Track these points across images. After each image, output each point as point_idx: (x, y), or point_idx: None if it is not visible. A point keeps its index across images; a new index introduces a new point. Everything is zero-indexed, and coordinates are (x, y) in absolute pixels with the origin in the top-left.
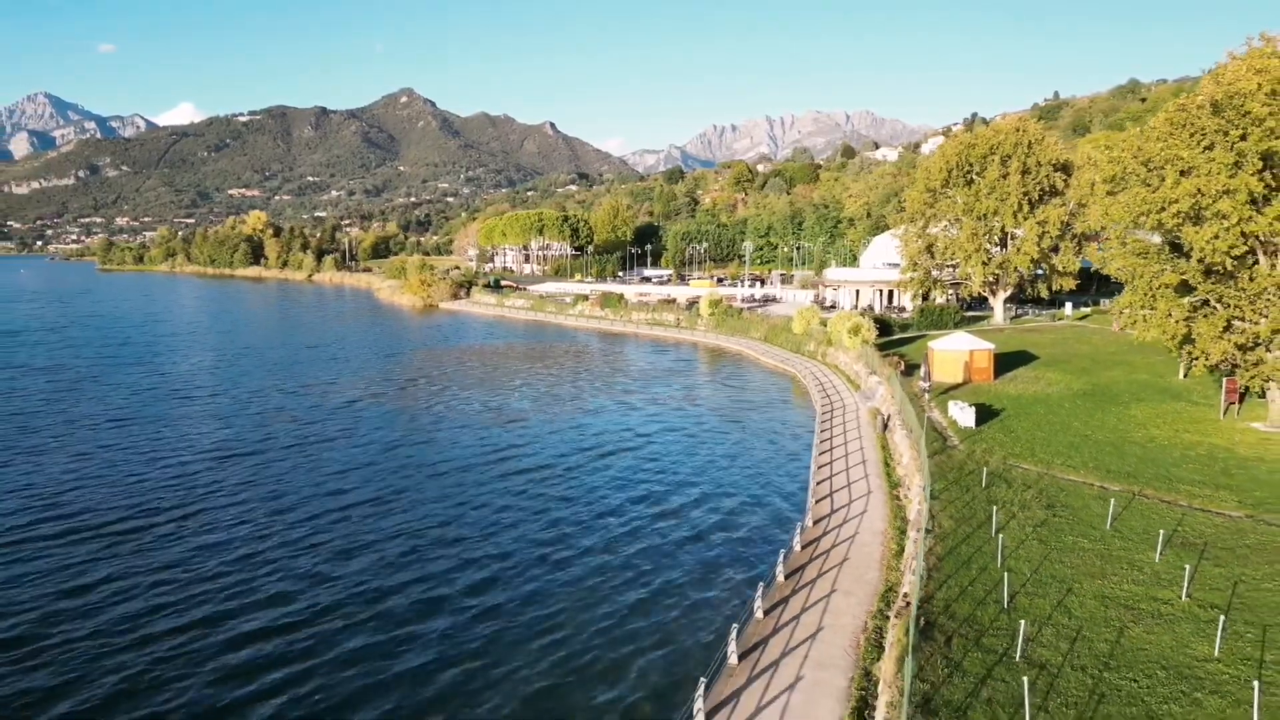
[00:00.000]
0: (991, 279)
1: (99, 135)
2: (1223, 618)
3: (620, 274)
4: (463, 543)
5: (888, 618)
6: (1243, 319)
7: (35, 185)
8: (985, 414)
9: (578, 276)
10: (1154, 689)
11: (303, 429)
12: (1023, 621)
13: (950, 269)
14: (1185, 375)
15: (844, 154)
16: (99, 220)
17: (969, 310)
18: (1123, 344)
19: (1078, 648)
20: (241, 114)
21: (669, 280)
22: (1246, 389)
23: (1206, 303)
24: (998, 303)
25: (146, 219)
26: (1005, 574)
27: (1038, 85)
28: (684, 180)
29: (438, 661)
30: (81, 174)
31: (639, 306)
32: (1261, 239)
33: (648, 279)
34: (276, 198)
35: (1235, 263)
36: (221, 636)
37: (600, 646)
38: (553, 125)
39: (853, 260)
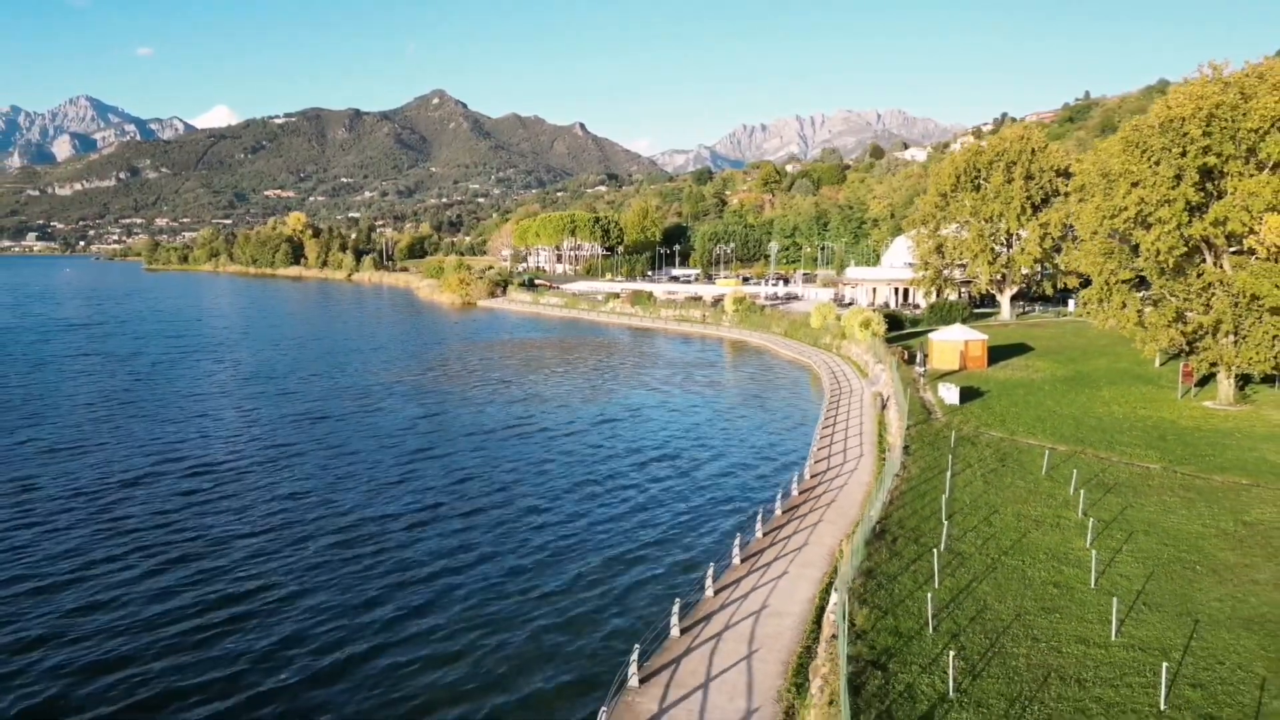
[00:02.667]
0: (998, 277)
1: (139, 138)
2: (1093, 522)
3: (649, 273)
4: (549, 478)
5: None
6: (1191, 311)
7: (77, 187)
8: (971, 394)
9: (608, 276)
10: (1033, 564)
11: (379, 402)
12: (947, 525)
13: (960, 268)
14: (1160, 364)
15: (872, 154)
16: (139, 221)
17: (979, 307)
18: (1114, 337)
19: (988, 543)
20: (277, 116)
21: (696, 279)
22: (1210, 374)
23: (1163, 298)
24: (1004, 300)
25: (185, 220)
26: (943, 500)
27: (1070, 84)
28: (712, 181)
29: (558, 536)
30: (122, 175)
31: (667, 304)
32: (1208, 241)
33: (676, 278)
34: (311, 198)
35: (1184, 260)
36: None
37: (678, 527)
38: (582, 126)
39: (876, 260)
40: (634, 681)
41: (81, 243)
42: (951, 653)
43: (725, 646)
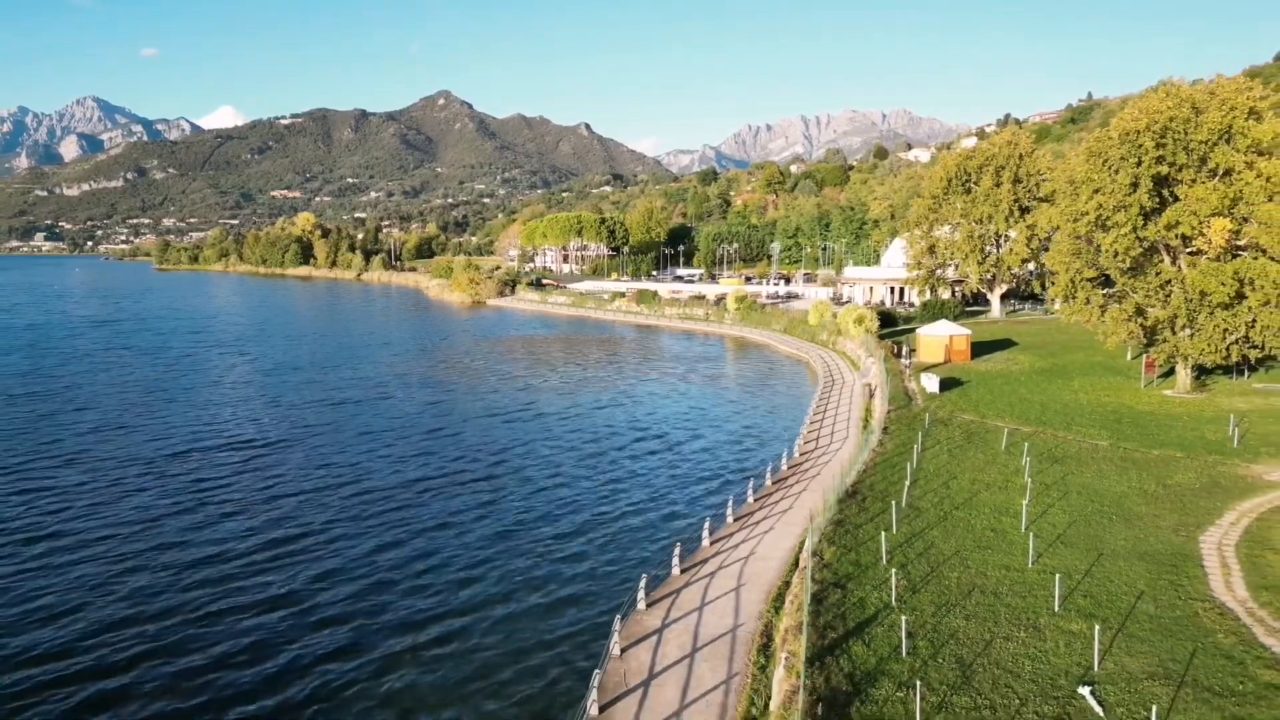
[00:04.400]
0: (988, 276)
1: (146, 138)
2: (1036, 485)
3: (654, 273)
4: (574, 450)
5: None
6: (1151, 306)
7: (85, 187)
8: (950, 384)
9: (614, 276)
10: (978, 516)
11: (395, 390)
12: (909, 487)
13: (952, 268)
14: (1132, 357)
15: (876, 155)
16: (147, 221)
17: (972, 306)
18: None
19: (943, 501)
20: (283, 117)
21: (700, 279)
22: (1172, 366)
23: (1125, 294)
24: (994, 298)
25: (193, 220)
26: (908, 468)
27: (1074, 85)
28: (717, 182)
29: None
30: (129, 176)
31: (671, 302)
32: (1165, 243)
33: (680, 278)
34: (317, 199)
35: (1143, 260)
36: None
37: (678, 493)
38: (588, 126)
39: (876, 260)
40: (641, 605)
41: (89, 243)
42: (894, 573)
43: (718, 582)
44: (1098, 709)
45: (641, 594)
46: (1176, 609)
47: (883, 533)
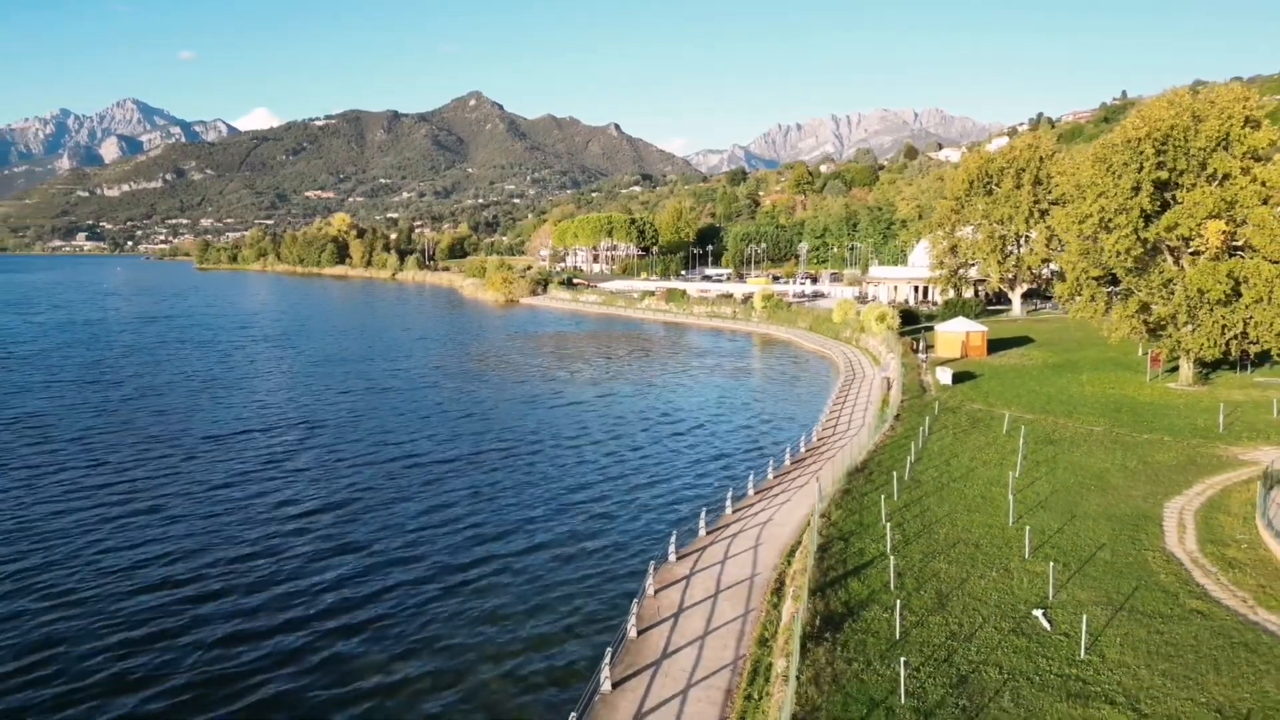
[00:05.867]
0: (1009, 276)
1: (184, 140)
2: (1029, 462)
3: (683, 273)
4: (621, 429)
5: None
6: (1155, 303)
7: (125, 188)
8: (964, 376)
9: (643, 275)
10: (971, 486)
11: (438, 380)
12: (913, 462)
13: (974, 267)
14: (1144, 353)
15: (906, 155)
16: (185, 221)
17: (994, 305)
18: None
19: (942, 474)
20: (317, 118)
21: (728, 278)
22: (1177, 360)
23: (1130, 292)
24: (1015, 297)
25: (229, 220)
26: (913, 447)
27: (1109, 83)
28: (745, 182)
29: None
30: (168, 177)
31: (700, 301)
32: (1167, 244)
33: (709, 277)
34: (350, 199)
35: (1147, 259)
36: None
37: (705, 470)
38: (617, 127)
39: (903, 260)
40: (672, 558)
41: (129, 242)
42: (890, 530)
43: (738, 542)
44: (1046, 625)
45: (672, 548)
46: (1130, 557)
47: (884, 499)
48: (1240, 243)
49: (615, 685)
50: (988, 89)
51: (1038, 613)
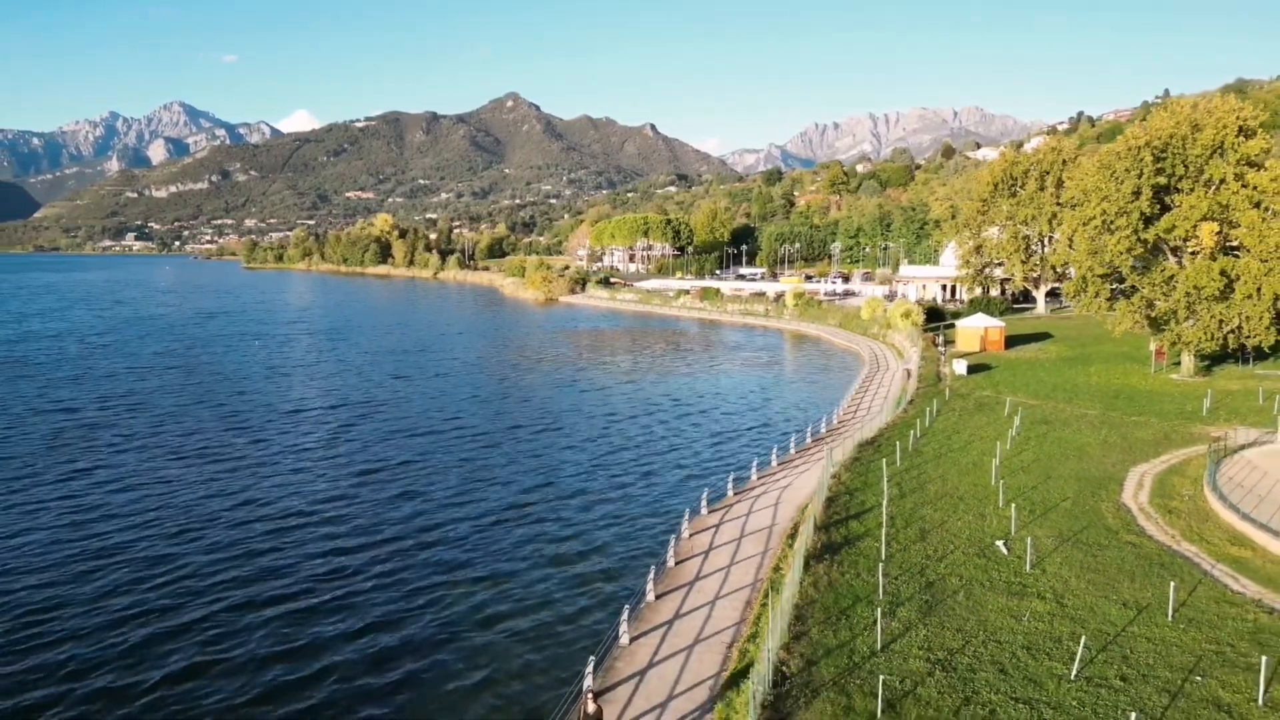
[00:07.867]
0: (1033, 275)
1: (228, 142)
2: (1021, 437)
3: (718, 272)
4: (655, 413)
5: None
6: (1158, 299)
7: (172, 189)
8: (979, 368)
9: (679, 274)
10: (965, 456)
11: (484, 369)
12: (916, 437)
13: (998, 266)
14: (1153, 348)
15: (944, 154)
16: (230, 222)
17: (1019, 303)
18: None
19: (941, 447)
20: (358, 120)
21: (762, 278)
22: (1180, 353)
23: (1134, 289)
24: (1039, 295)
25: (272, 220)
26: (918, 425)
27: (1152, 81)
28: (781, 182)
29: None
30: (214, 178)
31: (733, 299)
32: (1168, 244)
33: (743, 276)
34: (390, 200)
35: (1150, 257)
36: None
37: (735, 445)
38: (653, 127)
39: (935, 259)
40: (704, 511)
41: (176, 242)
42: (889, 486)
43: (761, 501)
44: (1004, 551)
45: (704, 502)
46: (1087, 506)
47: (886, 464)
48: (1235, 243)
49: (658, 597)
50: (1029, 87)
51: (999, 543)
